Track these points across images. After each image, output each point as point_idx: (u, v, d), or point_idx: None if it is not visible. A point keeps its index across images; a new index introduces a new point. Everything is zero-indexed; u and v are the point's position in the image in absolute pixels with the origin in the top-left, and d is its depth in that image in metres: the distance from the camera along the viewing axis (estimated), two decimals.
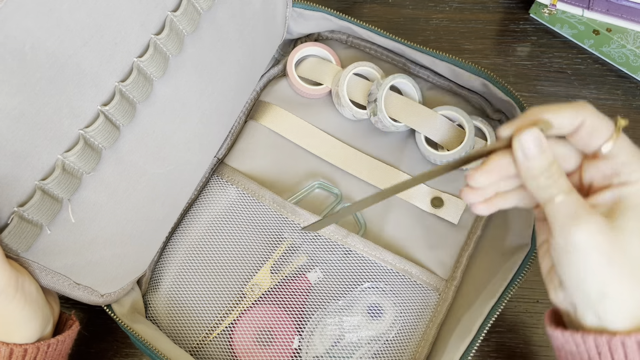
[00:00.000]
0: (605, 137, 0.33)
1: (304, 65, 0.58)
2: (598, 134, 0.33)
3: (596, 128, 0.33)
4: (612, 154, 0.34)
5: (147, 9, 0.38)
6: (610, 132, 0.33)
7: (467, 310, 0.48)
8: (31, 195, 0.35)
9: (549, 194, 0.33)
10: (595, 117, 0.33)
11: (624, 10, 0.58)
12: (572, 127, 0.34)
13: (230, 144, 0.56)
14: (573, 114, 0.33)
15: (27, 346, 0.37)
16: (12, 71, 0.31)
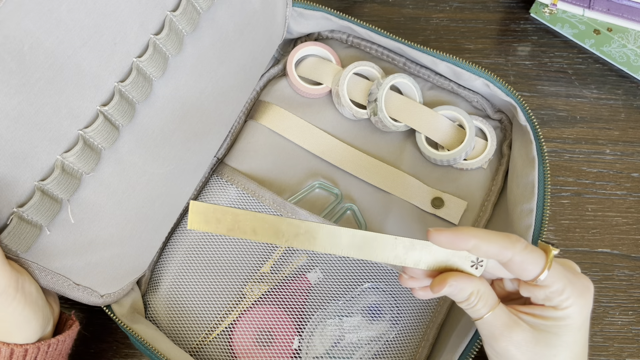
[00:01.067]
0: (537, 270, 0.35)
1: (304, 65, 0.58)
2: (527, 269, 0.35)
3: (525, 264, 0.35)
4: (546, 283, 0.35)
5: (147, 9, 0.38)
6: (541, 265, 0.35)
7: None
8: (30, 196, 0.35)
9: (477, 314, 0.37)
10: (524, 254, 0.35)
11: (625, 10, 0.58)
12: (500, 259, 0.35)
13: (230, 144, 0.56)
14: (499, 249, 0.35)
15: (27, 346, 0.37)
16: (11, 71, 0.31)
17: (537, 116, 0.59)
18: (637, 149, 0.58)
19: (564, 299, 0.35)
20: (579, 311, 0.36)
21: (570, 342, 0.36)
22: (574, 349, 0.36)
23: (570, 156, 0.58)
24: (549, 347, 0.36)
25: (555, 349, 0.36)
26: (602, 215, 0.56)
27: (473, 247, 0.35)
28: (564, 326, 0.36)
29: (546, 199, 0.47)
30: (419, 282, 0.39)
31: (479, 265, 0.36)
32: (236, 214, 0.35)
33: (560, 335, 0.36)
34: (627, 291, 0.53)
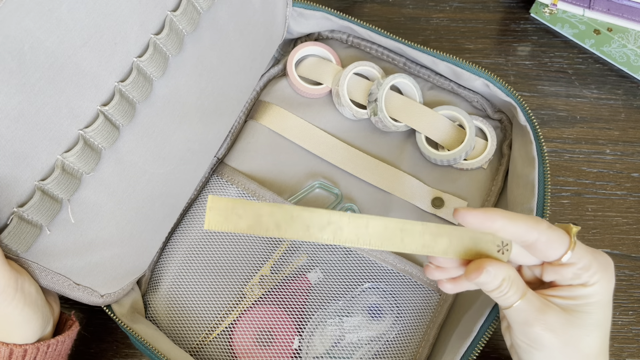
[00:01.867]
0: (562, 249, 0.35)
1: (304, 65, 0.58)
2: (554, 248, 0.35)
3: (551, 243, 0.35)
4: (572, 262, 0.36)
5: (147, 8, 0.38)
6: (566, 244, 0.35)
7: (467, 310, 0.48)
8: (31, 196, 0.35)
9: (507, 302, 0.36)
10: (549, 233, 0.35)
11: (625, 10, 0.58)
12: (525, 240, 0.35)
13: (230, 144, 0.56)
14: (526, 230, 0.35)
15: (26, 346, 0.37)
16: (11, 71, 0.31)
17: (537, 116, 0.59)
18: (637, 149, 0.58)
19: (591, 274, 0.35)
20: (606, 286, 0.36)
21: (601, 319, 0.36)
22: (603, 325, 0.36)
23: (571, 156, 0.58)
24: (582, 327, 0.35)
25: (588, 329, 0.35)
26: (602, 215, 0.56)
27: (500, 227, 0.35)
28: (595, 303, 0.36)
29: (546, 199, 0.47)
30: (445, 273, 0.38)
31: (505, 250, 0.36)
32: (259, 208, 0.33)
33: (592, 313, 0.36)
34: (627, 291, 0.53)
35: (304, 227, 0.34)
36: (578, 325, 0.36)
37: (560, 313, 0.36)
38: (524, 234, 0.35)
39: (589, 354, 0.36)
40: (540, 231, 0.35)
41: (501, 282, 0.35)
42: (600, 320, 0.36)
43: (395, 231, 0.35)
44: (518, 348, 0.38)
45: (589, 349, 0.36)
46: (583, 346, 0.36)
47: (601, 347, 0.36)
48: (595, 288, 0.36)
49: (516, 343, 0.38)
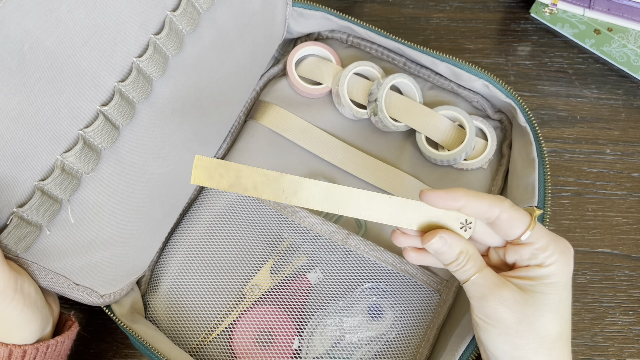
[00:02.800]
0: (522, 228, 0.37)
1: (304, 65, 0.58)
2: (515, 226, 0.37)
3: (513, 219, 0.37)
4: (530, 241, 0.37)
5: (147, 8, 0.38)
6: (526, 223, 0.37)
7: (467, 310, 0.48)
8: (30, 196, 0.35)
9: (464, 276, 0.37)
10: (511, 211, 0.37)
11: (625, 10, 0.58)
12: (488, 217, 0.37)
13: (230, 144, 0.56)
14: (488, 207, 0.37)
15: (26, 347, 0.37)
16: (11, 71, 0.31)
17: (537, 116, 0.59)
18: (637, 149, 0.58)
19: (548, 255, 0.37)
20: (562, 268, 0.37)
21: (556, 301, 0.37)
22: (559, 309, 0.37)
23: (571, 156, 0.58)
24: (537, 306, 0.36)
25: (542, 309, 0.36)
26: (602, 215, 0.55)
27: (463, 205, 0.36)
28: (550, 284, 0.36)
29: (546, 200, 0.47)
30: (410, 240, 0.40)
31: (468, 227, 0.38)
32: (239, 170, 0.36)
33: (547, 294, 0.36)
34: (627, 291, 0.53)
35: (279, 190, 0.36)
36: (532, 304, 0.36)
37: (516, 291, 0.37)
38: (487, 211, 0.36)
39: (544, 335, 0.36)
40: (503, 208, 0.36)
41: (458, 255, 0.37)
42: (555, 303, 0.36)
43: (362, 200, 0.37)
44: (477, 327, 0.38)
45: (544, 330, 0.36)
46: (537, 326, 0.36)
47: (559, 332, 0.37)
48: (552, 269, 0.37)
49: (475, 322, 0.38)
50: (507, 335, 0.37)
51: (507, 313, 0.36)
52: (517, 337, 0.36)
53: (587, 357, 0.51)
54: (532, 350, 0.36)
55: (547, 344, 0.36)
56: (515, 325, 0.36)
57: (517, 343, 0.36)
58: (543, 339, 0.36)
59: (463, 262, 0.37)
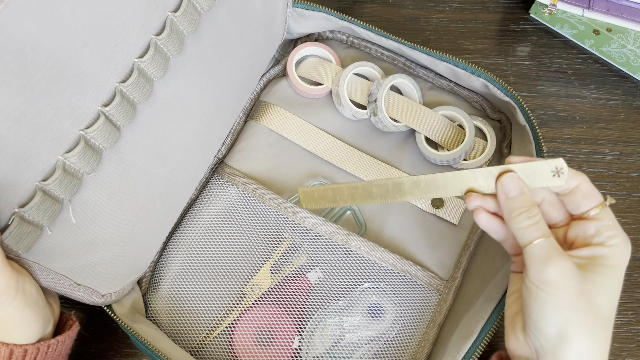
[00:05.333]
0: (595, 203, 0.38)
1: (304, 65, 0.58)
2: (589, 198, 0.38)
3: (589, 193, 0.38)
4: (598, 217, 0.37)
5: (148, 9, 0.38)
6: (600, 199, 0.38)
7: (467, 311, 0.49)
8: (32, 196, 0.35)
9: (529, 236, 0.37)
10: (588, 184, 0.38)
11: (624, 10, 0.58)
12: (567, 187, 0.38)
13: (230, 144, 0.56)
14: (572, 175, 0.37)
15: (27, 347, 0.37)
16: (12, 72, 0.31)
17: (536, 116, 0.59)
18: (636, 149, 0.58)
19: (613, 234, 0.37)
20: (623, 253, 0.37)
21: (611, 286, 0.36)
22: (612, 295, 0.36)
23: (570, 156, 0.58)
24: (595, 285, 0.35)
25: (600, 289, 0.35)
26: None
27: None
28: (610, 266, 0.36)
29: None
30: (485, 202, 0.40)
31: (561, 173, 0.37)
32: (334, 189, 0.41)
33: (605, 275, 0.36)
34: (626, 291, 0.53)
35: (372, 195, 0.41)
36: (591, 282, 0.35)
37: (576, 267, 0.36)
38: (570, 180, 0.37)
39: (600, 315, 0.35)
40: (582, 180, 0.37)
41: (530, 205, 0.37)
42: (612, 286, 0.36)
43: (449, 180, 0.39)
44: (528, 294, 0.36)
45: (601, 309, 0.35)
46: (595, 304, 0.35)
47: (610, 317, 0.36)
48: (613, 250, 0.36)
49: (527, 286, 0.37)
50: (561, 307, 0.35)
51: (568, 282, 0.35)
52: (572, 310, 0.35)
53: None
54: (586, 329, 0.35)
55: (600, 325, 0.35)
56: (574, 298, 0.35)
57: (570, 318, 0.35)
58: (598, 319, 0.35)
59: (535, 218, 0.37)
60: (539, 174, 0.37)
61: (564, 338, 0.35)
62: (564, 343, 0.35)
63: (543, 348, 0.36)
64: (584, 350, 0.35)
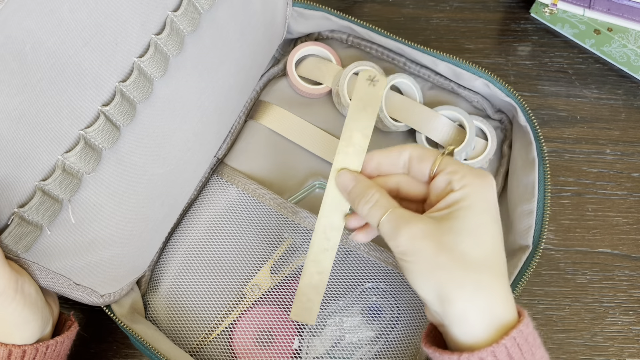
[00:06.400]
0: (432, 159, 0.39)
1: (304, 65, 0.58)
2: (425, 160, 0.39)
3: (422, 156, 0.39)
4: (442, 168, 0.38)
5: (148, 9, 0.38)
6: (435, 154, 0.39)
7: None
8: (31, 196, 0.35)
9: (375, 217, 0.38)
10: (419, 149, 0.40)
11: (625, 10, 0.58)
12: (404, 162, 0.40)
13: (230, 144, 0.56)
14: (398, 152, 0.40)
15: (25, 347, 0.37)
16: (12, 72, 0.31)
17: (537, 116, 0.59)
18: (637, 149, 0.58)
19: (459, 177, 0.37)
20: (477, 190, 0.36)
21: (473, 227, 0.35)
22: (479, 234, 0.35)
23: (571, 156, 0.58)
24: (455, 233, 0.35)
25: (459, 236, 0.35)
26: (602, 215, 0.56)
27: (378, 162, 0.40)
28: (465, 208, 0.35)
29: (546, 200, 0.47)
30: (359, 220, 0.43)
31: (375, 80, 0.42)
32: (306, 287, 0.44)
33: (462, 218, 0.35)
34: (627, 291, 0.53)
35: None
36: (449, 232, 0.35)
37: (431, 222, 0.36)
38: (399, 156, 0.40)
39: (467, 262, 0.34)
40: (411, 148, 0.39)
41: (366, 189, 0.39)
42: (474, 228, 0.35)
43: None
44: (403, 271, 0.37)
45: (466, 257, 0.34)
46: (458, 253, 0.34)
47: (483, 258, 0.35)
48: (465, 191, 0.36)
49: (400, 267, 0.38)
50: (426, 271, 0.35)
51: (422, 244, 0.35)
52: (437, 270, 0.34)
53: (587, 357, 0.51)
54: (458, 283, 0.34)
55: (471, 273, 0.34)
56: (434, 256, 0.34)
57: (439, 278, 0.34)
58: (469, 266, 0.34)
59: (373, 198, 0.38)
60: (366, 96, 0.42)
61: (444, 300, 0.34)
62: (446, 304, 0.34)
63: (439, 314, 0.36)
64: (467, 305, 0.34)
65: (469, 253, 0.34)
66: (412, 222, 0.36)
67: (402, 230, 0.36)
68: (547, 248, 0.55)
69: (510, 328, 0.34)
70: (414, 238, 0.35)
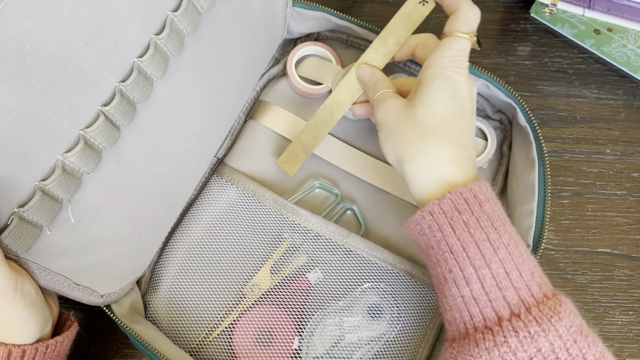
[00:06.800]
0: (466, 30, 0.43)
1: (304, 65, 0.58)
2: (428, 47, 0.47)
3: (426, 42, 0.47)
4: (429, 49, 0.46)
5: (148, 9, 0.38)
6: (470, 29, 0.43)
7: None
8: (31, 196, 0.35)
9: (372, 97, 0.45)
10: (426, 37, 0.48)
11: (625, 10, 0.58)
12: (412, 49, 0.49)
13: (230, 144, 0.56)
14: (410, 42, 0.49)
15: (25, 347, 0.37)
16: (12, 72, 0.31)
17: (537, 116, 0.59)
18: (637, 149, 0.58)
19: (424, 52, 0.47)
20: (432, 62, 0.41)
21: (430, 99, 0.40)
22: (432, 106, 0.40)
23: (571, 156, 0.58)
24: (412, 106, 0.41)
25: (416, 107, 0.40)
26: (602, 215, 0.56)
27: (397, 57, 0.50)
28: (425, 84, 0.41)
29: (546, 200, 0.47)
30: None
31: (425, 2, 0.50)
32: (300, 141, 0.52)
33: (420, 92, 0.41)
34: (627, 291, 0.53)
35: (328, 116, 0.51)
36: (409, 104, 0.41)
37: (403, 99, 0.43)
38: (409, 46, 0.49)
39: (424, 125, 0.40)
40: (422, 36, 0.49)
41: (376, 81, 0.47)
42: (429, 100, 0.40)
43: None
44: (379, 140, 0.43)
45: (418, 123, 0.40)
46: (413, 120, 0.40)
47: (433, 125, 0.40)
48: (430, 70, 0.41)
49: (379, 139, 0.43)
50: (389, 136, 0.41)
51: (388, 114, 0.42)
52: (395, 134, 0.41)
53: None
54: (407, 144, 0.40)
55: (420, 136, 0.40)
56: (394, 123, 0.41)
57: (396, 141, 0.41)
58: (416, 131, 0.40)
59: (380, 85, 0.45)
60: (412, 11, 0.49)
61: (399, 160, 0.40)
62: (401, 164, 0.40)
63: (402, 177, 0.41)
64: (415, 164, 0.40)
65: (420, 121, 0.40)
66: (390, 99, 0.43)
67: (380, 105, 0.43)
68: (547, 248, 0.55)
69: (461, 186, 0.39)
70: (385, 111, 0.42)
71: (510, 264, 0.36)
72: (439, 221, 0.38)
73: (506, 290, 0.35)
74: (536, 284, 0.36)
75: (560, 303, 0.35)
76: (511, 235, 0.37)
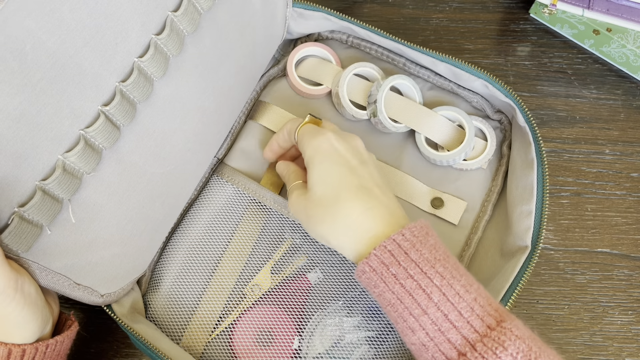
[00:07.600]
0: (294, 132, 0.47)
1: (304, 66, 0.58)
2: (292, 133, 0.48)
3: (291, 130, 0.48)
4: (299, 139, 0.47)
5: (148, 9, 0.38)
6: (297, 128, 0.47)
7: None
8: (32, 196, 0.35)
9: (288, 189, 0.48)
10: (290, 124, 0.49)
11: (624, 10, 0.58)
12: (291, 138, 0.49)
13: (230, 144, 0.56)
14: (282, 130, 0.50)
15: (25, 346, 0.37)
16: (12, 71, 0.31)
17: (536, 116, 0.59)
18: (636, 149, 0.58)
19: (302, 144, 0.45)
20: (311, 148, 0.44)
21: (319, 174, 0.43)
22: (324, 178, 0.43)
23: (570, 156, 0.58)
24: (310, 188, 0.43)
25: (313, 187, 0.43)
26: (601, 215, 0.56)
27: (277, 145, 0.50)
28: (309, 165, 0.44)
29: (545, 201, 0.47)
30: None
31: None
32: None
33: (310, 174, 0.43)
34: (626, 291, 0.53)
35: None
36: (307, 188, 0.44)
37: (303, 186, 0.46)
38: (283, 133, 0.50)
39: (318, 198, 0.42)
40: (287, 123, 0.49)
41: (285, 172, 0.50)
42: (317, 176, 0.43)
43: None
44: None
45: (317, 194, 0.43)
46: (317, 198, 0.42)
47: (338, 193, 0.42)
48: (306, 153, 0.44)
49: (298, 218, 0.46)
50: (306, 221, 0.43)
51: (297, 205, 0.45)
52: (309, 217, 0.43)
53: (587, 356, 0.51)
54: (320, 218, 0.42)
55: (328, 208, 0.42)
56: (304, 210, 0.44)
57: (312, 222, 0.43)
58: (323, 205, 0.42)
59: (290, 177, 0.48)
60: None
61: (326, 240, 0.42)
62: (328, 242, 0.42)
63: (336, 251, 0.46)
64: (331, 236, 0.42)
65: (321, 197, 0.42)
66: (295, 191, 0.46)
67: (290, 198, 0.46)
68: (546, 248, 0.55)
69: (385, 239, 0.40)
70: (294, 203, 0.45)
71: (447, 305, 0.37)
72: (372, 278, 0.39)
73: (448, 332, 0.36)
74: (477, 317, 0.36)
75: (503, 332, 0.35)
76: (443, 276, 0.38)
